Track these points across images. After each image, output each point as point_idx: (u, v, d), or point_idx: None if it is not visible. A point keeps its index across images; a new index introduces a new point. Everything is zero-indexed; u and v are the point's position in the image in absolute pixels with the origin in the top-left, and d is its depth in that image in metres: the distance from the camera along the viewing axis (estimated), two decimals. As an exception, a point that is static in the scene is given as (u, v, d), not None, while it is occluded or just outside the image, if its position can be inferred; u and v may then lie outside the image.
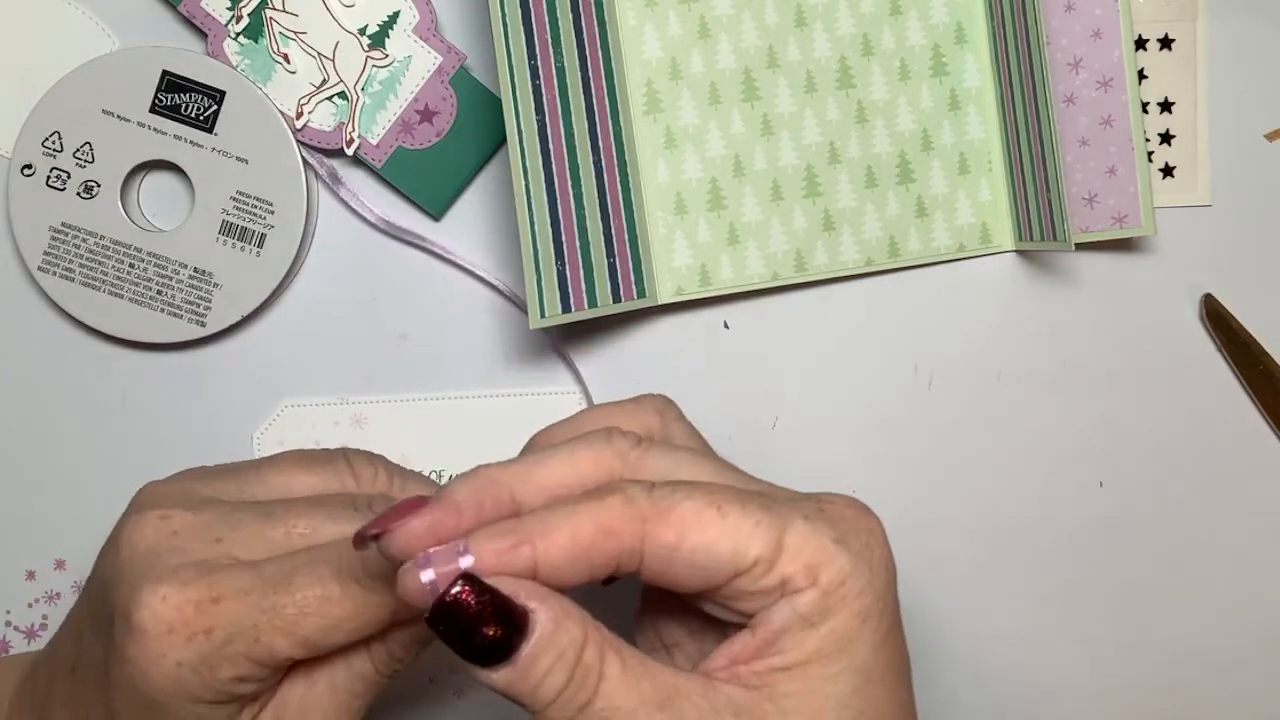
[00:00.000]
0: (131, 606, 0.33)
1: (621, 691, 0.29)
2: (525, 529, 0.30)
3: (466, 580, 0.28)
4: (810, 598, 0.30)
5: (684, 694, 0.30)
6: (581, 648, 0.29)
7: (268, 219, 0.49)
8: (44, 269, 0.49)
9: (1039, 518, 0.52)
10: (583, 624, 0.30)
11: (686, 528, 0.30)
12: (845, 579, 0.30)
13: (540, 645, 0.29)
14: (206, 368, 0.51)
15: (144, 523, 0.34)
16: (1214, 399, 0.52)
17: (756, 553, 0.29)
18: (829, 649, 0.30)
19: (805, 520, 0.30)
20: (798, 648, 0.30)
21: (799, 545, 0.30)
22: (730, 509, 0.30)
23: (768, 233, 0.51)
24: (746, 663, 0.30)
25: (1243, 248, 0.52)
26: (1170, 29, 0.51)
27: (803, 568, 0.30)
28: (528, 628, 0.29)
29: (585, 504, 0.30)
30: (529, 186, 0.45)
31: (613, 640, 0.30)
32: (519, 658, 0.29)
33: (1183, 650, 0.53)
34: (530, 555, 0.29)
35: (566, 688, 0.29)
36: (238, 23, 0.48)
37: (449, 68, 0.49)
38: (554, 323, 0.46)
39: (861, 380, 0.52)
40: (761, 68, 0.50)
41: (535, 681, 0.29)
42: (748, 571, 0.30)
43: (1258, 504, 0.53)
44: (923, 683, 0.53)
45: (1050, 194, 0.48)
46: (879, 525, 0.32)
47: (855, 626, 0.30)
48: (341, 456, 0.39)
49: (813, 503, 0.32)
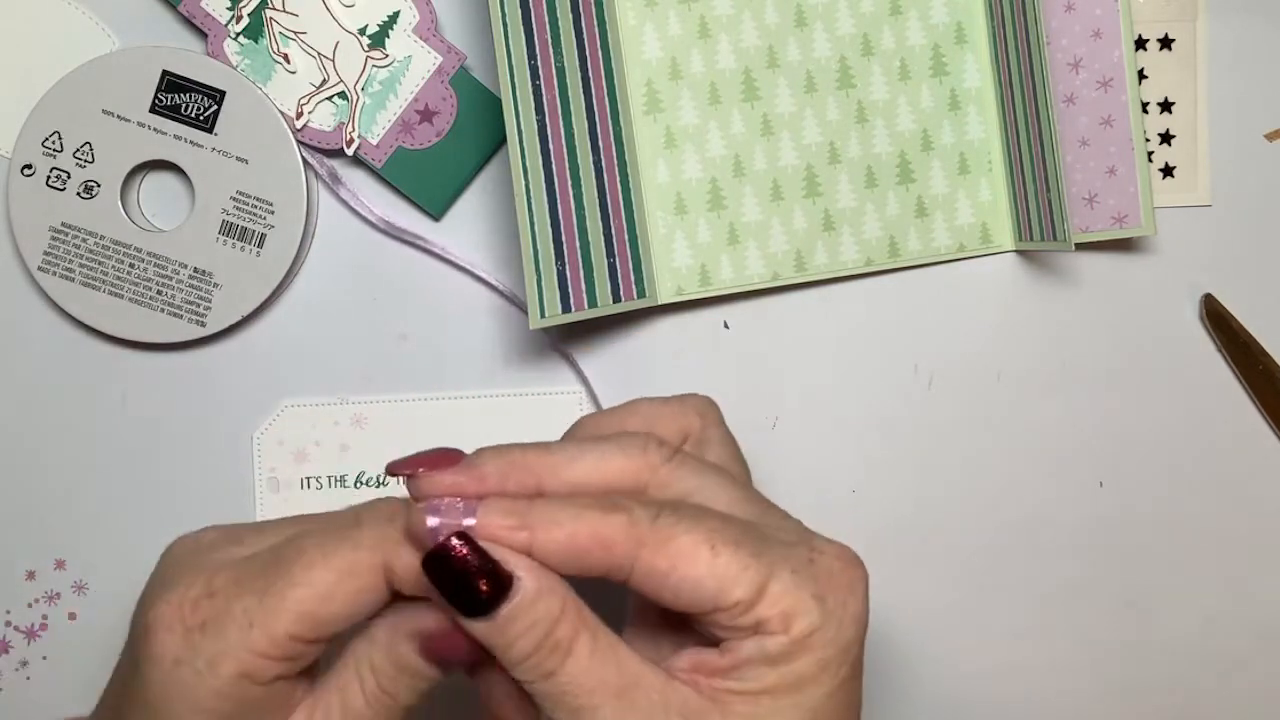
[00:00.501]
0: (141, 612, 0.33)
1: (585, 671, 0.31)
2: (530, 516, 0.31)
3: (464, 537, 0.31)
4: (779, 642, 0.32)
5: (643, 687, 0.32)
6: (556, 621, 0.31)
7: (268, 219, 0.49)
8: (44, 269, 0.49)
9: (1039, 518, 0.52)
10: (563, 601, 0.32)
11: (679, 560, 0.31)
12: (814, 631, 0.32)
13: (518, 610, 0.31)
14: (206, 368, 0.51)
15: (176, 543, 0.35)
16: (1214, 399, 0.52)
17: (739, 596, 0.31)
18: (784, 686, 0.32)
19: (792, 573, 0.32)
20: (757, 679, 0.32)
21: (780, 595, 0.32)
22: (724, 550, 0.32)
23: (768, 233, 0.51)
24: (708, 676, 0.32)
25: (1243, 248, 0.52)
26: (1170, 29, 0.51)
27: (778, 615, 0.32)
28: (510, 592, 0.31)
29: (590, 512, 0.32)
30: (529, 186, 0.45)
31: (590, 621, 0.32)
32: (497, 616, 0.31)
33: (1183, 650, 0.53)
34: (526, 540, 0.31)
35: (534, 653, 0.31)
36: (238, 23, 0.48)
37: (449, 68, 0.49)
38: (554, 323, 0.46)
39: (861, 380, 0.52)
40: (761, 68, 0.50)
41: (508, 641, 0.31)
42: (727, 609, 0.32)
43: (1258, 504, 0.53)
44: (923, 682, 0.53)
45: (1050, 194, 0.48)
46: (863, 578, 0.34)
47: (814, 672, 0.32)
48: None
49: (805, 551, 0.33)
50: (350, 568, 0.32)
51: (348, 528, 0.33)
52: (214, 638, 0.32)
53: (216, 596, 0.32)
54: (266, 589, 0.32)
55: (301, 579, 0.32)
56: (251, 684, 0.32)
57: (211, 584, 0.32)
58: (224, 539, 0.35)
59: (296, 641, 0.32)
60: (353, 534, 0.32)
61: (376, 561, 0.32)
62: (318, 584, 0.32)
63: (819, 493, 0.52)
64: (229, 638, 0.32)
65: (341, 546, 0.32)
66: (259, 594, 0.32)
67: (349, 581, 0.32)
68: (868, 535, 0.52)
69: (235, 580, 0.32)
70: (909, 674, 0.52)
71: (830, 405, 0.52)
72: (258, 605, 0.32)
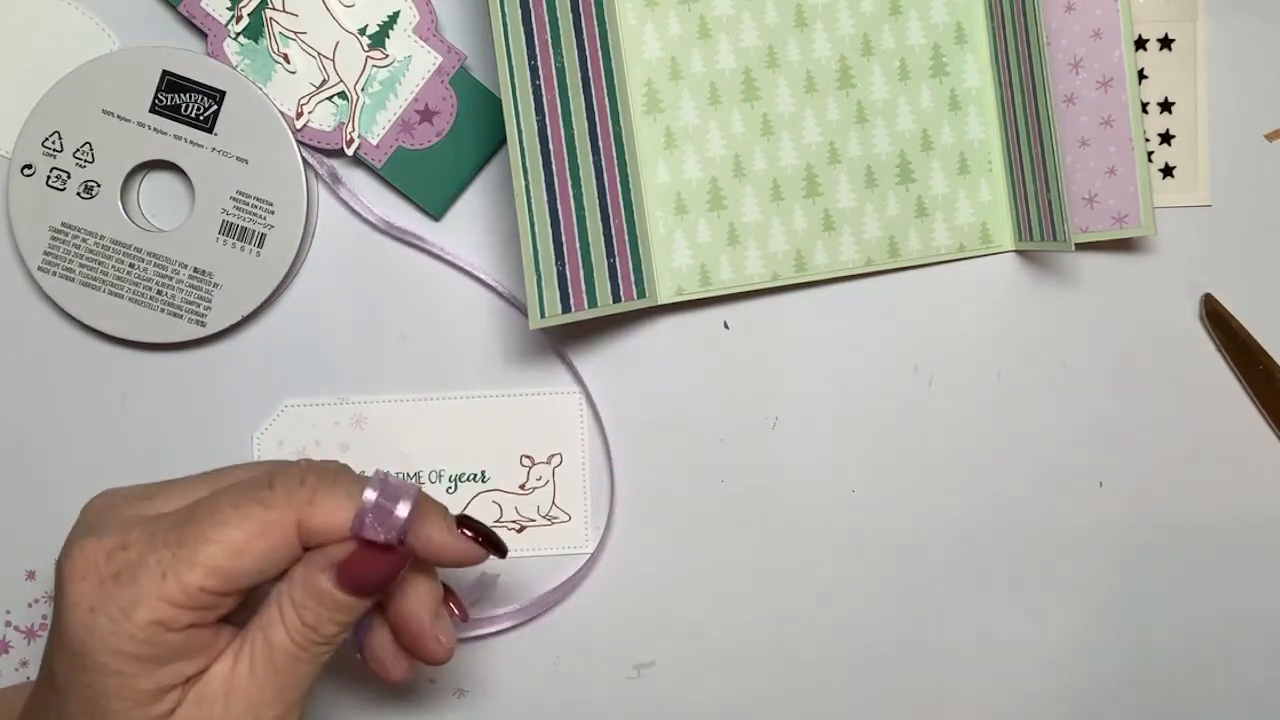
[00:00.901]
0: (60, 563, 0.35)
1: None
2: None
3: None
4: None
5: None
6: None
7: (268, 219, 0.49)
8: (44, 269, 0.49)
9: (1039, 518, 0.52)
10: None
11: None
12: None
13: None
14: (206, 368, 0.51)
15: (94, 499, 0.37)
16: (1214, 399, 0.52)
17: None
18: None
19: None
20: None
21: None
22: None
23: (768, 233, 0.51)
24: None
25: (1243, 248, 0.52)
26: (1170, 29, 0.51)
27: None
28: None
29: None
30: (529, 186, 0.45)
31: None
32: None
33: (1182, 650, 0.53)
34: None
35: None
36: (238, 23, 0.48)
37: (449, 68, 0.49)
38: (554, 323, 0.46)
39: (861, 380, 0.52)
40: (761, 68, 0.50)
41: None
42: None
43: (1258, 504, 0.53)
44: (923, 682, 0.53)
45: (1050, 194, 0.48)
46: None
47: None
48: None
49: None
50: (262, 527, 0.34)
51: (260, 489, 0.34)
52: (128, 587, 0.33)
53: (131, 549, 0.34)
54: (181, 542, 0.33)
55: (215, 535, 0.33)
56: (166, 631, 0.34)
57: (126, 537, 0.34)
58: (139, 495, 0.36)
59: (208, 594, 0.34)
60: (264, 495, 0.34)
61: (288, 520, 0.34)
62: (230, 540, 0.33)
63: (819, 493, 0.52)
64: (142, 586, 0.33)
65: (254, 507, 0.34)
66: (173, 547, 0.33)
67: (260, 539, 0.34)
68: (868, 535, 0.52)
69: (150, 534, 0.34)
70: (908, 673, 0.52)
71: (830, 405, 0.52)
72: (171, 558, 0.33)
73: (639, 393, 0.51)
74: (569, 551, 0.51)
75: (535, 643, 0.52)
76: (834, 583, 0.52)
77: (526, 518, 0.51)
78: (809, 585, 0.52)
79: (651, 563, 0.52)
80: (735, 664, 0.52)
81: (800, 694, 0.52)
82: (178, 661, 0.34)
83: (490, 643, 0.52)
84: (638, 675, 0.52)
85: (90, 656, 0.33)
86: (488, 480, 0.51)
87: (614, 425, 0.51)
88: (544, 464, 0.51)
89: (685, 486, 0.52)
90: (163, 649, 0.34)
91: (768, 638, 0.52)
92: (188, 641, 0.34)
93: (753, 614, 0.52)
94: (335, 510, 0.34)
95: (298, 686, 0.36)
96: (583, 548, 0.51)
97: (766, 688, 0.52)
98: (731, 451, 0.52)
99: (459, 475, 0.51)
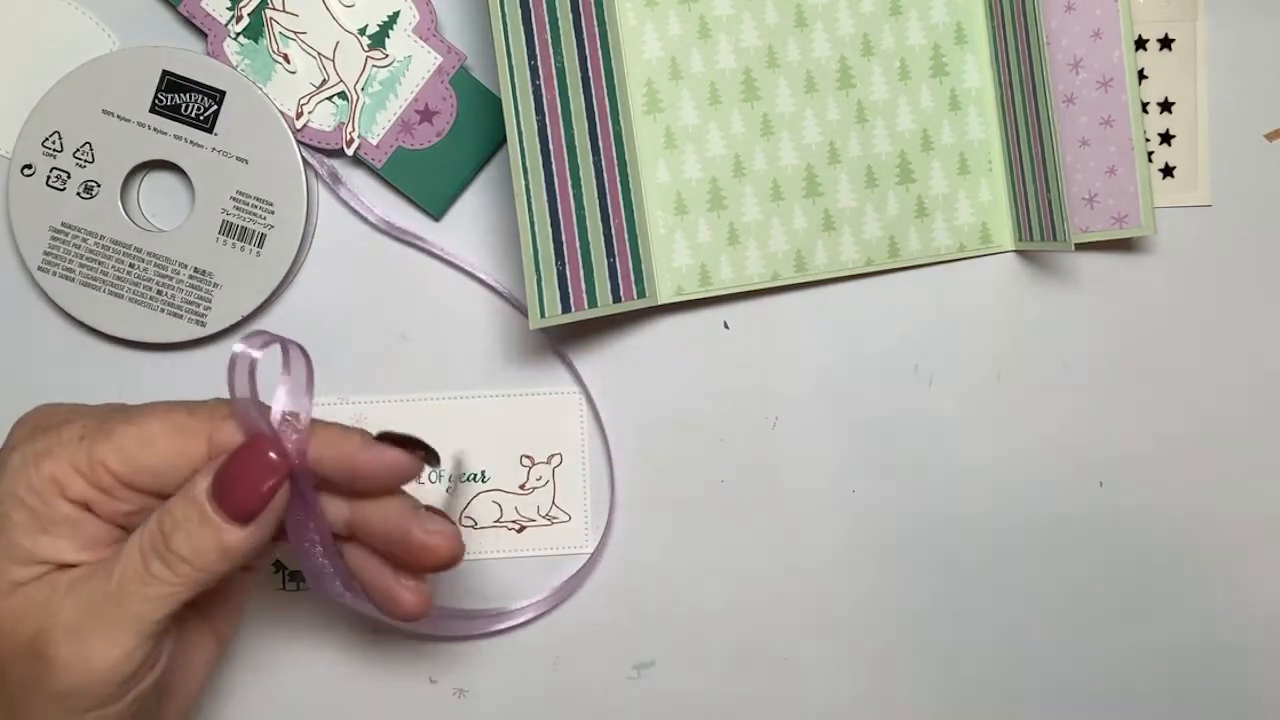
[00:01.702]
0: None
1: None
2: None
3: None
4: None
5: None
6: None
7: (268, 219, 0.49)
8: (44, 269, 0.49)
9: (1039, 518, 0.52)
10: None
11: None
12: None
13: None
14: (206, 368, 0.51)
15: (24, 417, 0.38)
16: (1214, 399, 0.52)
17: None
18: None
19: None
20: None
21: None
22: None
23: (768, 233, 0.51)
24: None
25: (1243, 248, 0.52)
26: (1170, 29, 0.51)
27: None
28: None
29: None
30: (529, 186, 0.45)
31: None
32: None
33: (1182, 650, 0.53)
34: None
35: None
36: (238, 23, 0.48)
37: (449, 68, 0.49)
38: (554, 323, 0.46)
39: (861, 380, 0.52)
40: (761, 68, 0.50)
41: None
42: None
43: (1258, 504, 0.53)
44: (923, 682, 0.53)
45: (1050, 194, 0.48)
46: None
47: None
48: None
49: None
50: (176, 427, 0.36)
51: (194, 403, 0.37)
52: (48, 436, 0.35)
53: (61, 414, 0.37)
54: (106, 418, 0.36)
55: (135, 420, 0.36)
56: (60, 495, 0.35)
57: (64, 411, 0.37)
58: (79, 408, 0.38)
59: (108, 473, 0.35)
60: (193, 404, 0.37)
61: (203, 429, 0.36)
62: (145, 428, 0.35)
63: (819, 493, 0.52)
64: (61, 440, 0.35)
65: (178, 410, 0.36)
66: (99, 420, 0.36)
67: (171, 436, 0.36)
68: (868, 535, 0.52)
69: (84, 412, 0.37)
70: (909, 673, 0.52)
71: (830, 405, 0.52)
72: (94, 428, 0.35)
73: (639, 393, 0.51)
74: (569, 551, 0.51)
75: (535, 643, 0.52)
76: (833, 582, 0.52)
77: (526, 518, 0.51)
78: (809, 585, 0.52)
79: (651, 563, 0.52)
80: (735, 664, 0.52)
81: (800, 694, 0.52)
82: (60, 538, 0.35)
83: (490, 643, 0.52)
84: (638, 675, 0.52)
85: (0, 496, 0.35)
86: (488, 480, 0.51)
87: (614, 425, 0.51)
88: (544, 464, 0.51)
89: (685, 486, 0.52)
90: (50, 512, 0.35)
91: (768, 637, 0.52)
92: (75, 519, 0.35)
93: (753, 614, 0.52)
94: (245, 430, 0.36)
95: (127, 618, 0.34)
96: (583, 548, 0.51)
97: (766, 687, 0.52)
98: (731, 451, 0.52)
99: (459, 475, 0.51)
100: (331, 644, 0.51)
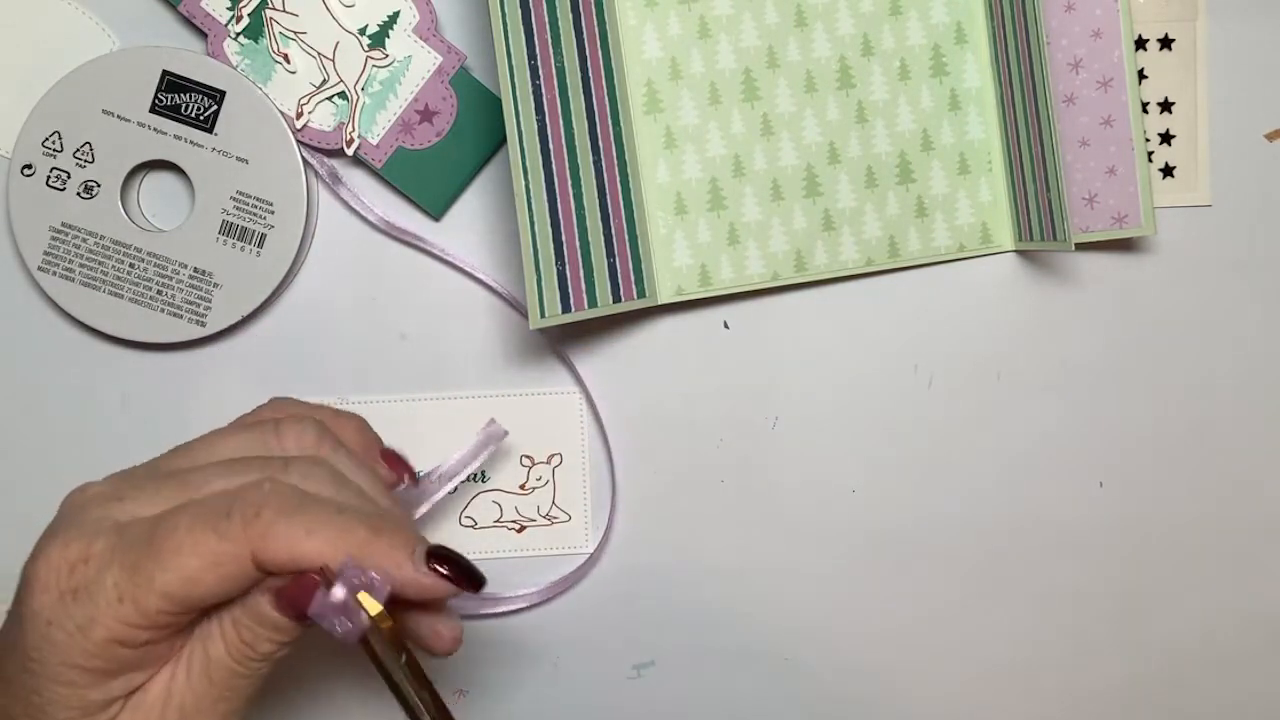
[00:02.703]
0: (27, 564, 0.35)
1: None
2: None
3: None
4: None
5: None
6: None
7: (268, 219, 0.49)
8: (44, 269, 0.49)
9: (1039, 518, 0.52)
10: None
11: None
12: None
13: None
14: (206, 368, 0.51)
15: (70, 494, 0.37)
16: (1213, 399, 0.52)
17: None
18: None
19: None
20: None
21: None
22: None
23: (768, 233, 0.51)
24: None
25: (1243, 248, 0.52)
26: (1170, 29, 0.51)
27: None
28: None
29: None
30: (529, 186, 0.45)
31: None
32: None
33: (1182, 650, 0.53)
34: None
35: None
36: (238, 23, 0.48)
37: (449, 68, 0.49)
38: (554, 323, 0.46)
39: (861, 380, 0.52)
40: (761, 68, 0.50)
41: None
42: None
43: (1258, 503, 0.53)
44: (923, 681, 0.53)
45: (1050, 194, 0.48)
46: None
47: None
48: (271, 422, 0.40)
49: None
50: (215, 558, 0.34)
51: (218, 517, 0.34)
52: (85, 605, 0.33)
53: (90, 563, 0.34)
54: (137, 566, 0.33)
55: (170, 564, 0.33)
56: (122, 647, 0.34)
57: (89, 550, 0.34)
58: (111, 495, 0.36)
59: (165, 614, 0.34)
60: (221, 525, 0.34)
61: (242, 553, 0.34)
62: (184, 569, 0.33)
63: (819, 493, 0.52)
64: (99, 606, 0.33)
65: (209, 536, 0.34)
66: (130, 570, 0.33)
67: (213, 570, 0.34)
68: (868, 535, 0.52)
69: (110, 549, 0.34)
70: (909, 673, 0.52)
71: (830, 405, 0.52)
72: (128, 581, 0.33)
73: (639, 393, 0.51)
74: (569, 551, 0.51)
75: (535, 643, 0.52)
76: (833, 582, 0.52)
77: (526, 518, 0.51)
78: (809, 585, 0.52)
79: (651, 562, 0.52)
80: (735, 664, 0.52)
81: (800, 693, 0.52)
82: (131, 672, 0.35)
83: (490, 642, 0.52)
84: (638, 675, 0.52)
85: (43, 665, 0.34)
86: (488, 480, 0.51)
87: (614, 425, 0.51)
88: (544, 464, 0.51)
89: (685, 486, 0.52)
90: (118, 663, 0.34)
91: (767, 637, 0.52)
92: (145, 654, 0.35)
93: (752, 614, 0.52)
94: (288, 547, 0.34)
95: (234, 699, 0.36)
96: (583, 548, 0.51)
97: (766, 688, 0.52)
98: (731, 451, 0.52)
99: (459, 475, 0.51)
100: (331, 643, 0.51)
